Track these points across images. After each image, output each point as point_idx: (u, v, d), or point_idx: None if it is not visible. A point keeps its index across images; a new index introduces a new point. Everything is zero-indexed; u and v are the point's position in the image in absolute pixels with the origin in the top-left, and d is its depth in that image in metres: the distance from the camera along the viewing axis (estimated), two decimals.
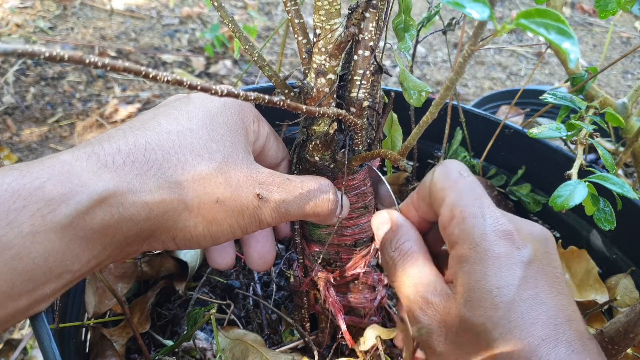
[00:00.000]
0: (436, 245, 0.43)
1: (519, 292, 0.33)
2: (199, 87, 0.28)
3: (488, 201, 0.37)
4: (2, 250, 0.30)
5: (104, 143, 0.36)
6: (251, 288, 0.63)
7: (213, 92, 0.29)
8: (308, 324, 0.55)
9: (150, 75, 0.26)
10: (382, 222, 0.43)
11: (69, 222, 0.32)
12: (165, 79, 0.26)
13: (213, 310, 0.48)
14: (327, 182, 0.45)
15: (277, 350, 0.54)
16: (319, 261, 0.51)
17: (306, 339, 0.54)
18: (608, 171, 0.55)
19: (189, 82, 0.27)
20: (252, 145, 0.44)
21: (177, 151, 0.37)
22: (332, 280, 0.51)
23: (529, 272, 0.34)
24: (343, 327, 0.51)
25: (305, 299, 0.54)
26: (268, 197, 0.40)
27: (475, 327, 0.33)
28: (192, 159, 0.37)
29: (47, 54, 0.21)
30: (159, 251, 0.61)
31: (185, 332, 0.54)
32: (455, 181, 0.38)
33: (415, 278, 0.38)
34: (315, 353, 0.53)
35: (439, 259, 0.41)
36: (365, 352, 0.53)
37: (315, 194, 0.43)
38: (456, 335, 0.35)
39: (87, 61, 0.23)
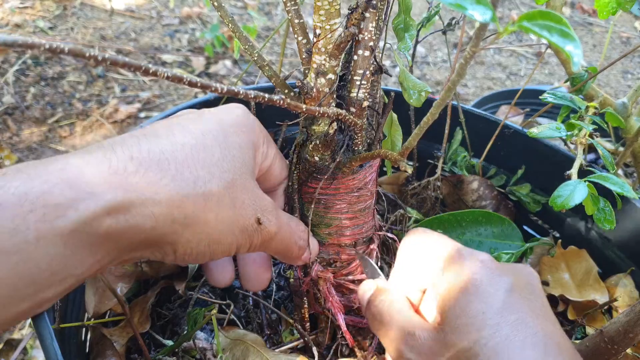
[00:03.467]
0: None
1: (503, 316, 0.34)
2: (199, 85, 0.28)
3: (458, 243, 0.40)
4: (7, 255, 0.29)
5: (116, 148, 0.35)
6: None
7: (213, 89, 0.29)
8: (308, 324, 0.55)
9: (150, 71, 0.26)
10: (367, 288, 0.45)
11: (75, 228, 0.31)
12: (165, 75, 0.26)
13: (214, 311, 0.48)
14: (303, 227, 0.48)
15: (277, 350, 0.54)
16: (319, 261, 0.51)
17: (306, 339, 0.54)
18: (608, 171, 0.55)
19: (188, 79, 0.27)
20: (260, 165, 0.45)
21: (190, 165, 0.37)
22: (332, 280, 0.51)
23: (511, 299, 0.35)
24: (343, 327, 0.51)
25: (305, 299, 0.54)
26: (265, 225, 0.41)
27: (463, 351, 0.34)
28: (203, 174, 0.37)
29: (47, 46, 0.21)
30: None
31: (185, 332, 0.54)
32: (422, 238, 0.42)
33: (401, 320, 0.39)
34: (315, 353, 0.53)
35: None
36: (365, 352, 0.53)
37: (292, 236, 0.46)
38: None
39: (87, 55, 0.23)
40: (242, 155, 0.41)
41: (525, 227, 0.77)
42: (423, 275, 0.41)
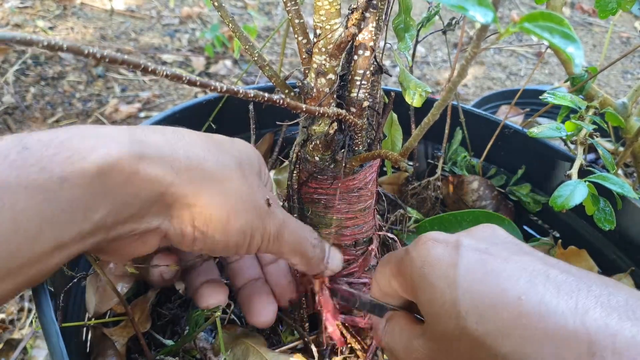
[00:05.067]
0: None
1: (462, 284, 0.33)
2: (198, 83, 0.28)
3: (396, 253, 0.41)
4: (35, 194, 0.30)
5: (126, 127, 0.37)
6: None
7: (212, 88, 0.29)
8: (308, 324, 0.55)
9: (150, 69, 0.26)
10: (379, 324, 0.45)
11: (96, 171, 0.32)
12: (164, 73, 0.26)
13: (218, 313, 0.48)
14: (309, 227, 0.48)
15: (277, 350, 0.54)
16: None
17: (306, 339, 0.54)
18: (608, 171, 0.55)
19: (187, 78, 0.27)
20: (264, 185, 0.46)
21: (200, 143, 0.39)
22: (327, 283, 0.51)
23: (463, 266, 0.34)
24: (330, 328, 0.51)
25: (304, 299, 0.54)
26: (274, 210, 0.42)
27: (445, 338, 0.34)
28: (214, 149, 0.39)
29: (45, 42, 0.22)
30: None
31: (185, 331, 0.54)
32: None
33: (404, 340, 0.40)
34: (315, 353, 0.53)
35: None
36: (365, 352, 0.53)
37: (301, 230, 0.46)
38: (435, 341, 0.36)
39: (86, 52, 0.23)
40: (248, 155, 0.43)
41: (525, 227, 0.77)
42: (401, 292, 0.41)
